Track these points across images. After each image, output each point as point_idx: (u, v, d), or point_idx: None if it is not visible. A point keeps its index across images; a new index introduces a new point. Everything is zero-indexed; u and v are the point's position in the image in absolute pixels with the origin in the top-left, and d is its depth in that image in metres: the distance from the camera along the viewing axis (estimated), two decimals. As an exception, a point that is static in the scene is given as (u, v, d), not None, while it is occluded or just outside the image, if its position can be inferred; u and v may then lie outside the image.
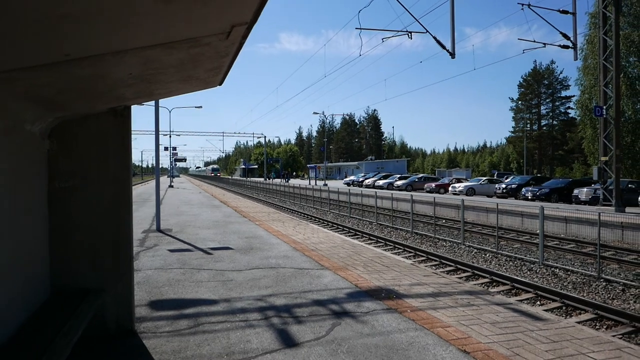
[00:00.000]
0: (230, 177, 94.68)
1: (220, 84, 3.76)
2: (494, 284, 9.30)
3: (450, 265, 10.90)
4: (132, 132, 4.33)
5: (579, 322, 6.39)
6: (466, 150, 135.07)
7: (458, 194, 30.54)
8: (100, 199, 4.02)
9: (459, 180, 37.15)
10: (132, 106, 4.19)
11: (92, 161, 4.02)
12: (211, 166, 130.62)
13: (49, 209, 3.82)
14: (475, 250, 12.97)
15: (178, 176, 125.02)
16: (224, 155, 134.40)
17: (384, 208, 22.44)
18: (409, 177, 43.72)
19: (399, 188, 38.26)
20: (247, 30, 2.29)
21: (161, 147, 33.79)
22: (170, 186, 43.57)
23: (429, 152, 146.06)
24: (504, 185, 29.93)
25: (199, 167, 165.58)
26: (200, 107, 40.45)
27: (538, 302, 8.06)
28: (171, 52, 2.49)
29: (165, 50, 2.43)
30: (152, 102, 15.17)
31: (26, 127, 3.35)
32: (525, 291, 8.59)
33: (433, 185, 35.76)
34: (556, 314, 7.07)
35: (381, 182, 42.19)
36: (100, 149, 4.04)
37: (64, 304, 3.56)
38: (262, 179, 66.93)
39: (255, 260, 7.70)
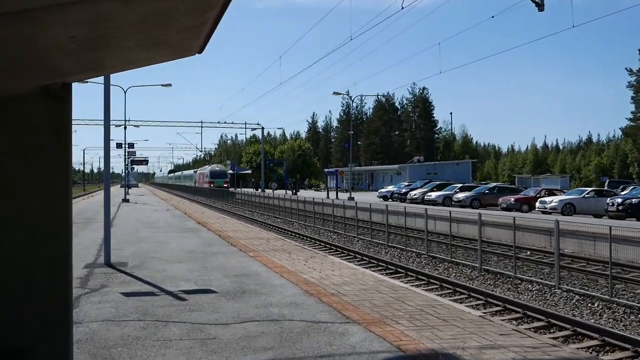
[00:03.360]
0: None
1: (201, 51, 3.79)
2: (608, 348, 9.18)
3: (540, 319, 10.83)
4: (73, 122, 4.40)
5: None
6: (561, 147, 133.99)
7: (550, 212, 30.19)
8: (25, 219, 4.08)
9: (551, 192, 36.78)
10: (73, 84, 4.26)
11: (14, 164, 4.09)
12: (209, 167, 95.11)
13: None
14: (578, 297, 12.82)
15: (136, 185, 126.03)
16: (202, 155, 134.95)
17: (438, 233, 22.32)
18: (476, 187, 43.56)
19: (461, 204, 38.02)
20: (242, -28, 2.31)
21: (112, 144, 34.32)
22: (125, 200, 44.16)
23: (504, 150, 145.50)
24: (619, 200, 29.47)
25: (178, 172, 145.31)
26: (170, 85, 41.09)
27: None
28: (132, 6, 2.53)
29: (124, 3, 2.47)
30: (101, 79, 15.47)
31: None
32: (656, 360, 8.43)
33: (512, 199, 35.50)
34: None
35: (434, 195, 42.08)
36: (26, 146, 4.11)
37: None
38: (257, 190, 67.35)
39: (249, 309, 7.73)
